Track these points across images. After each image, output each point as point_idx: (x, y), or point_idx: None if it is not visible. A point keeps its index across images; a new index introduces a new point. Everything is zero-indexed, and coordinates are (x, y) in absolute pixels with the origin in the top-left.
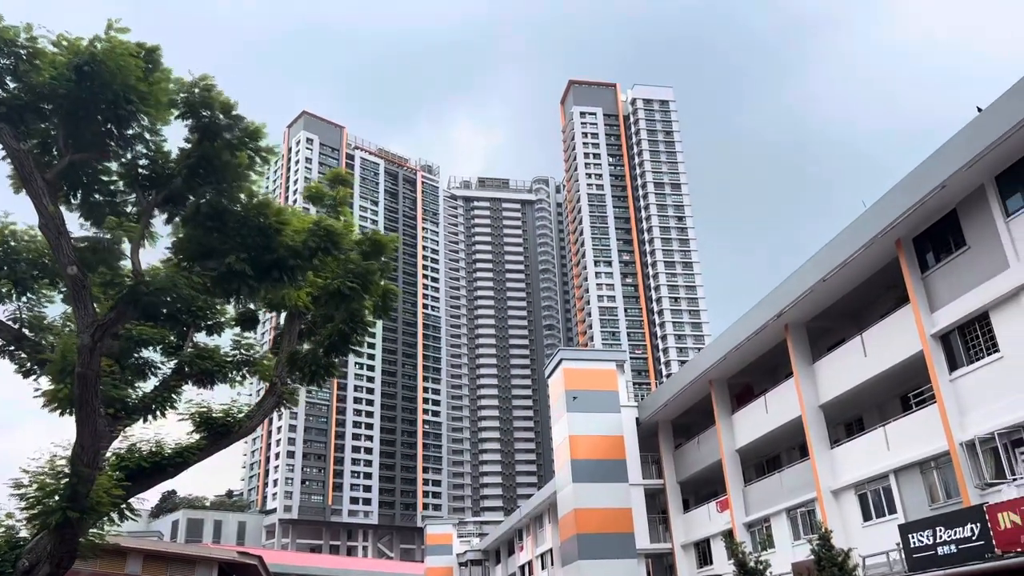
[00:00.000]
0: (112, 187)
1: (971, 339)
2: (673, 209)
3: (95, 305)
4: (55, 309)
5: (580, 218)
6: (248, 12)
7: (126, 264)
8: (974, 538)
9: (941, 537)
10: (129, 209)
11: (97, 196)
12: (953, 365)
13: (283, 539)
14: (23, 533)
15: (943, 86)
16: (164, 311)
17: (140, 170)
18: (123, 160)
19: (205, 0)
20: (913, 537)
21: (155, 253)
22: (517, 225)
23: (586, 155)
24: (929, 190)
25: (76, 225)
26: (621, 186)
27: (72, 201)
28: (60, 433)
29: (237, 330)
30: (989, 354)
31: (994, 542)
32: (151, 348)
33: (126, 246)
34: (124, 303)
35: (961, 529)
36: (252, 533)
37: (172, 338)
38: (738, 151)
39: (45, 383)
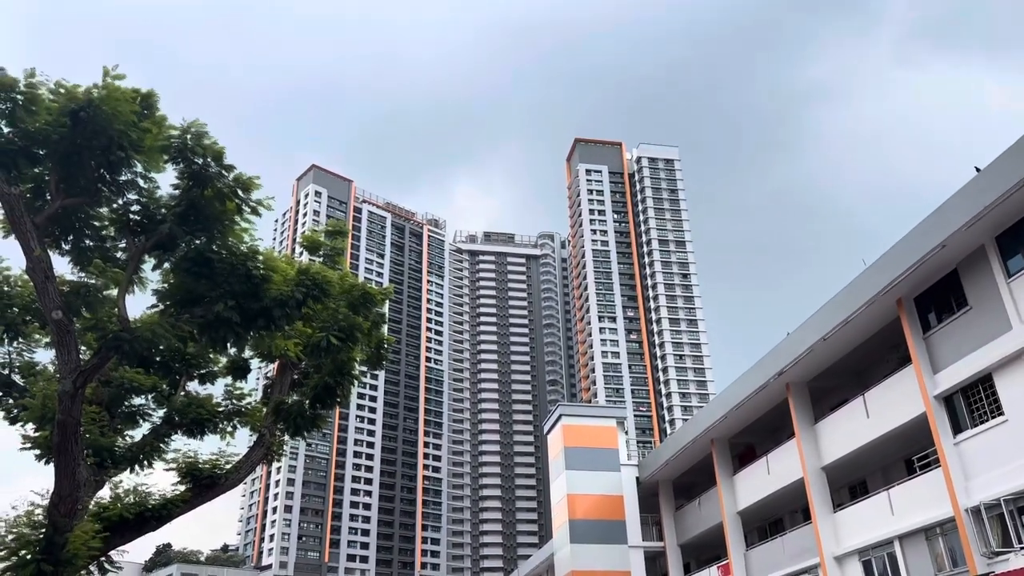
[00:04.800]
0: (103, 232)
1: (975, 401)
2: (677, 266)
3: (85, 350)
4: (46, 354)
5: (585, 273)
6: (260, 72)
7: (115, 309)
8: None
9: None
10: (119, 255)
11: (88, 241)
12: (957, 428)
13: None
14: None
15: (938, 153)
16: (157, 359)
17: (131, 216)
18: (115, 205)
19: (220, 58)
20: None
21: (147, 298)
22: (522, 279)
23: (591, 212)
24: (929, 249)
25: (67, 270)
26: (626, 243)
27: (63, 246)
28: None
29: (229, 379)
30: (993, 417)
31: None
32: (143, 396)
33: (114, 291)
34: (107, 349)
35: None
36: None
37: (164, 386)
38: (739, 210)
39: (32, 430)
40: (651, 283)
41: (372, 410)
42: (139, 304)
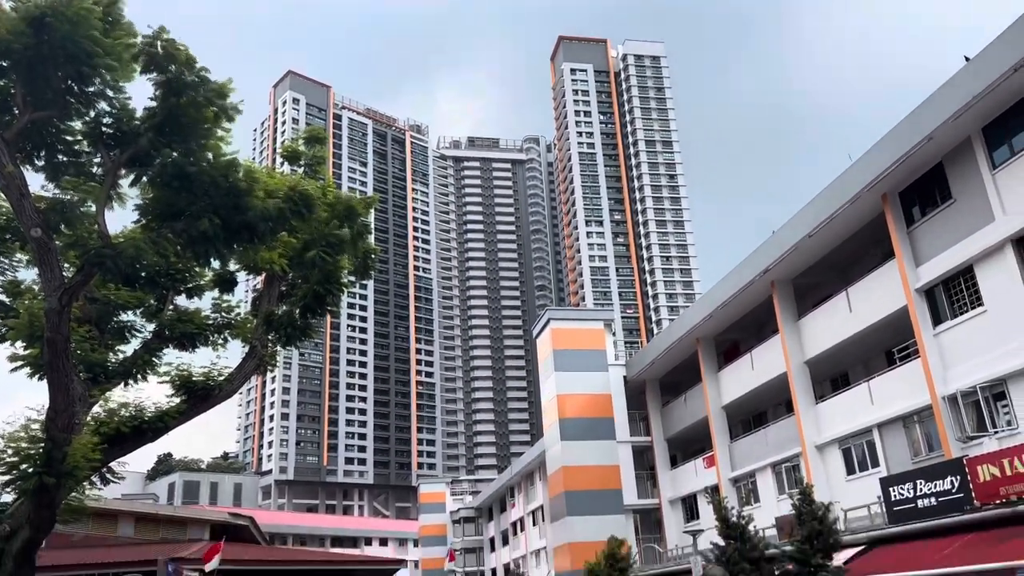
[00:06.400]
0: (76, 147)
1: (955, 293)
2: (664, 167)
3: (68, 268)
4: (29, 273)
5: (571, 177)
6: None
7: (95, 225)
8: (954, 491)
9: (921, 490)
10: (95, 170)
11: (61, 156)
12: (937, 320)
13: (279, 499)
14: (5, 498)
15: (932, 47)
16: (142, 274)
17: (104, 128)
18: (86, 118)
19: None
20: (894, 490)
21: (126, 214)
22: (508, 185)
23: (577, 113)
24: (915, 143)
25: (42, 186)
26: (612, 144)
27: (36, 162)
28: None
29: (216, 293)
30: (973, 308)
31: (973, 494)
32: (130, 312)
33: (93, 207)
34: (89, 266)
35: (941, 482)
36: (248, 494)
37: (152, 301)
38: (725, 111)
39: (21, 348)
40: (638, 185)
41: (363, 319)
42: (120, 220)
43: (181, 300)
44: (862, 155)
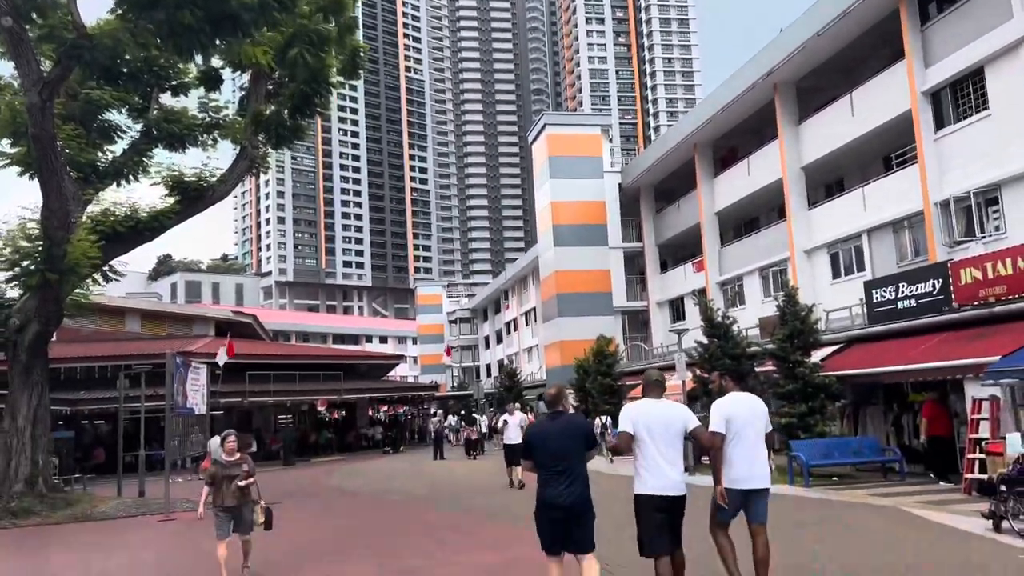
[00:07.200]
0: None
1: (962, 97)
2: None
3: (44, 62)
4: (6, 69)
5: None
6: None
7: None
8: (934, 293)
9: (903, 292)
10: None
11: None
12: (940, 124)
13: (280, 300)
14: (11, 293)
15: None
16: (123, 69)
17: None
18: None
19: None
20: (876, 292)
21: (103, 2)
22: None
23: None
24: None
25: None
26: None
27: None
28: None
29: (202, 91)
30: (978, 112)
31: (953, 296)
32: (115, 111)
33: None
34: (67, 59)
35: (923, 284)
36: (250, 295)
37: (137, 99)
38: None
39: (8, 146)
40: None
41: (354, 123)
42: (96, 12)
43: (167, 99)
44: None
